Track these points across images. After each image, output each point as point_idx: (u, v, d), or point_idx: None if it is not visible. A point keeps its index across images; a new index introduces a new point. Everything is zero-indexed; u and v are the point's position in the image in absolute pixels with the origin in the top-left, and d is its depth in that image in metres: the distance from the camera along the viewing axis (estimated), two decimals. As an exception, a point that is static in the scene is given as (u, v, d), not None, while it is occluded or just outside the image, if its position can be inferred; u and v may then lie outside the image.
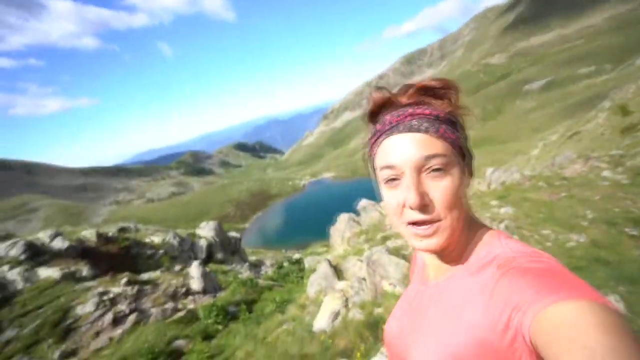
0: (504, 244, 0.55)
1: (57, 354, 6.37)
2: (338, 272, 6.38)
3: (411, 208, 0.52)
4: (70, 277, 8.67)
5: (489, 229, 0.60)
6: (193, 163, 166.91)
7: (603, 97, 23.84)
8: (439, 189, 0.51)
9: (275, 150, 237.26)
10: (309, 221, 45.56)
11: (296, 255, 20.95)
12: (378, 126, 0.57)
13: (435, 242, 0.53)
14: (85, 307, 7.41)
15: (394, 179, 0.54)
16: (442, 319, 0.56)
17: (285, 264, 16.27)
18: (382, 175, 0.56)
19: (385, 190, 0.56)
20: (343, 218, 10.73)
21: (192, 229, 16.66)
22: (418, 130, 0.52)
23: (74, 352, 6.50)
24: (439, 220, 0.52)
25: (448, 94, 0.56)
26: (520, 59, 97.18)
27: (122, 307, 7.58)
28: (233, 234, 18.00)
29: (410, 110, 0.54)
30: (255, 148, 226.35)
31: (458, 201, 0.52)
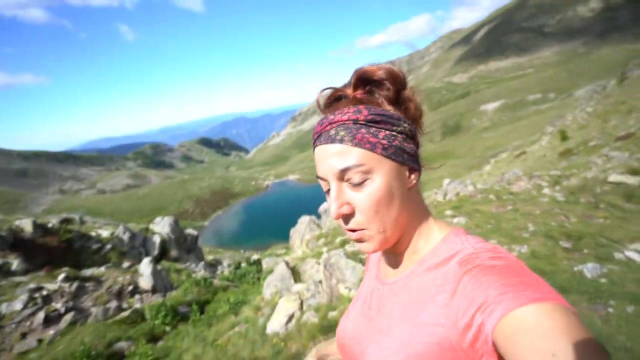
0: (464, 240, 0.54)
1: (-28, 357, 5.65)
2: (296, 274, 6.34)
3: (332, 217, 0.52)
4: (-3, 271, 7.77)
5: (448, 226, 0.59)
6: (153, 155, 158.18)
7: (546, 123, 26.30)
8: (360, 199, 0.51)
9: (240, 148, 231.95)
10: (271, 222, 45.03)
11: (255, 256, 20.55)
12: (313, 133, 0.57)
13: (367, 246, 0.53)
14: (13, 305, 6.66)
15: (328, 189, 0.55)
16: (400, 317, 0.54)
17: (243, 264, 15.88)
18: (321, 183, 0.56)
19: (328, 198, 0.57)
20: (304, 220, 10.72)
21: (146, 224, 15.72)
22: (334, 141, 0.51)
23: (-6, 355, 5.81)
24: (362, 229, 0.52)
25: (386, 84, 0.53)
26: (478, 81, 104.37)
27: (57, 305, 6.92)
28: (190, 231, 17.25)
29: (330, 117, 0.52)
30: (220, 144, 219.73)
31: (384, 207, 0.51)
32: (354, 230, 0.53)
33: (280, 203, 59.24)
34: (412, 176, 0.55)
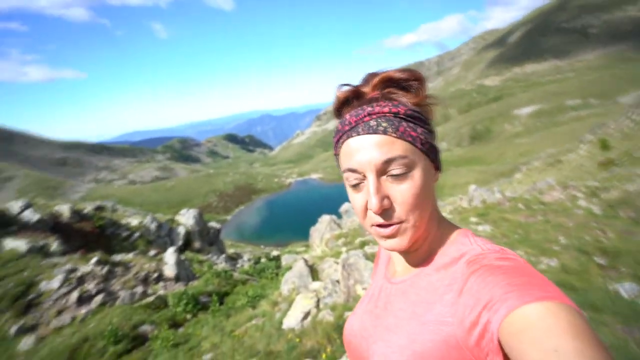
0: (473, 241, 0.55)
1: (14, 328, 6.11)
2: (314, 272, 6.38)
3: (373, 212, 0.51)
4: (38, 251, 8.35)
5: (458, 227, 0.60)
6: (180, 149, 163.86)
7: (586, 130, 24.80)
8: (400, 191, 0.50)
9: (265, 146, 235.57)
10: (291, 219, 45.41)
11: (274, 252, 20.84)
12: (339, 126, 0.56)
13: (399, 242, 0.53)
14: (51, 283, 7.14)
15: (357, 183, 0.53)
16: (407, 316, 0.55)
17: (263, 259, 16.16)
18: (346, 177, 0.55)
19: (350, 192, 0.55)
20: (324, 219, 10.74)
21: (173, 215, 16.35)
22: (376, 132, 0.50)
23: (32, 328, 6.26)
24: (400, 222, 0.52)
25: (413, 86, 0.54)
26: (513, 84, 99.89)
27: (90, 286, 7.35)
28: (213, 224, 17.76)
29: (369, 109, 0.52)
30: (245, 141, 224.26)
31: (421, 201, 0.51)
32: (388, 225, 0.52)
33: (302, 201, 59.62)
34: (436, 174, 0.57)
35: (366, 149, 0.51)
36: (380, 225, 0.52)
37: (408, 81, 0.53)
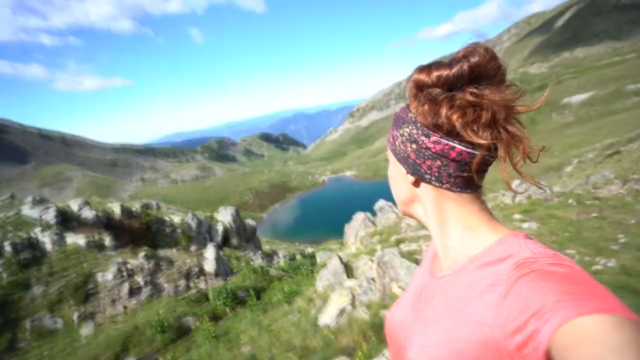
0: (523, 243, 0.51)
1: (76, 315, 6.75)
2: (348, 269, 6.36)
3: None
4: (94, 246, 9.14)
5: (508, 228, 0.57)
6: (218, 149, 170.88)
7: (651, 117, 22.22)
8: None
9: (298, 144, 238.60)
10: (326, 217, 45.65)
11: (309, 249, 21.07)
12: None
13: None
14: (106, 275, 7.79)
15: None
16: (445, 312, 0.54)
17: (298, 256, 16.40)
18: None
19: None
20: (359, 217, 10.65)
21: (211, 213, 17.11)
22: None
23: (91, 316, 6.87)
24: None
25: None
26: (562, 70, 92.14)
27: (139, 279, 7.91)
28: (250, 221, 18.33)
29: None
30: (279, 140, 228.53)
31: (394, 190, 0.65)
32: None
33: (336, 198, 59.69)
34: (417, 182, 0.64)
35: None
36: None
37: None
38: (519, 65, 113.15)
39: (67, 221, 10.02)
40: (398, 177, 0.63)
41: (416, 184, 0.60)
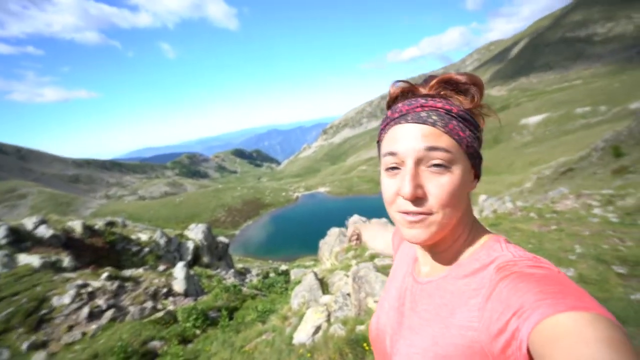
0: (504, 247, 0.53)
1: (25, 344, 6.13)
2: (324, 285, 6.30)
3: (404, 198, 0.51)
4: (50, 267, 8.44)
5: (490, 233, 0.59)
6: (189, 165, 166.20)
7: (597, 138, 24.42)
8: (437, 184, 0.50)
9: (272, 160, 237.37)
10: (300, 233, 45.19)
11: (283, 267, 20.67)
12: (389, 112, 0.56)
13: (422, 233, 0.52)
14: (62, 299, 7.18)
15: (394, 167, 0.53)
16: (432, 318, 0.54)
17: (272, 274, 16.03)
18: (384, 161, 0.55)
19: (384, 177, 0.56)
20: (333, 232, 10.66)
21: (181, 230, 16.44)
22: (425, 122, 0.51)
23: (43, 344, 6.26)
24: (429, 214, 0.51)
25: (470, 90, 0.53)
26: (519, 94, 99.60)
27: (100, 302, 7.36)
28: (222, 239, 17.77)
29: (422, 101, 0.52)
30: (253, 156, 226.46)
31: (455, 200, 0.51)
32: (417, 214, 0.52)
33: (310, 215, 59.40)
34: (475, 182, 0.56)
35: (412, 136, 0.51)
36: (406, 213, 0.52)
37: (466, 85, 0.53)
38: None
39: (20, 241, 9.22)
40: (465, 186, 0.53)
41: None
